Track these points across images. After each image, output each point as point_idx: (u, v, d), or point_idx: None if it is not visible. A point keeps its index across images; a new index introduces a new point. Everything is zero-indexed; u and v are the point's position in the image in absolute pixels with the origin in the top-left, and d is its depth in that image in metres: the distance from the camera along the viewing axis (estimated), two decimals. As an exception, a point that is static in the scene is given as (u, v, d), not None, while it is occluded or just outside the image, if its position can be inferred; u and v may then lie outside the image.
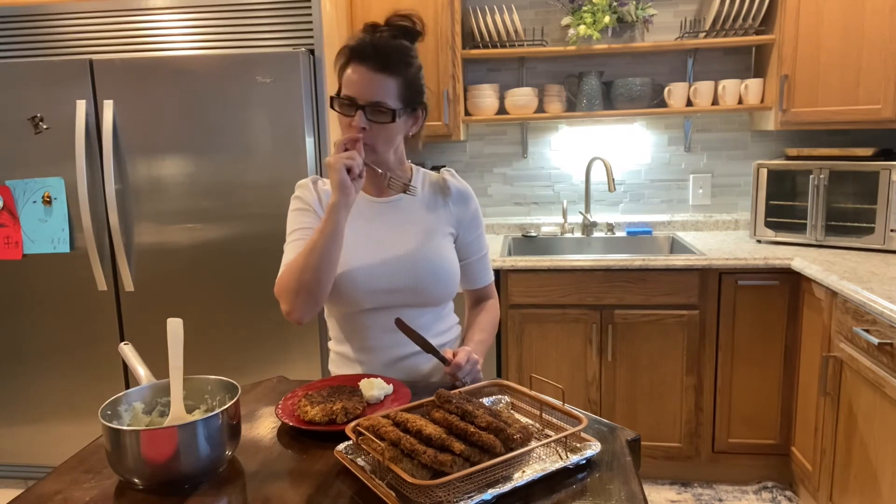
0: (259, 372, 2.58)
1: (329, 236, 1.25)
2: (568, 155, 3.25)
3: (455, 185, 1.49)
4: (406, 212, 1.44)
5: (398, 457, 0.95)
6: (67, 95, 2.49)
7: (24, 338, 2.69)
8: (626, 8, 2.90)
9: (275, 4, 2.51)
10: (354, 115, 1.29)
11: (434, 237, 1.43)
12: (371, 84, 1.28)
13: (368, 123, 1.29)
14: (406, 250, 1.40)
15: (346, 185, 1.23)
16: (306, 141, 2.44)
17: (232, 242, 2.53)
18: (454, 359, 1.34)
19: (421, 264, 1.39)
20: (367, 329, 1.43)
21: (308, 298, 1.28)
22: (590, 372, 2.70)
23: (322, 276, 1.27)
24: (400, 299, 1.40)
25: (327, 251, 1.25)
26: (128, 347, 1.25)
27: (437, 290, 1.42)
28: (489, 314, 1.57)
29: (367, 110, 1.28)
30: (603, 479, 1.00)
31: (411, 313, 1.41)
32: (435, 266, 1.40)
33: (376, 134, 1.31)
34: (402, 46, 1.33)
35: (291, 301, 1.29)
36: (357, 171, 1.24)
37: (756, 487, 2.69)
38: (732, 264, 2.56)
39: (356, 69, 1.30)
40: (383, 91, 1.29)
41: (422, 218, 1.44)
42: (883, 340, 1.88)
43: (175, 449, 0.98)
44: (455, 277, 1.45)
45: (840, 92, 2.68)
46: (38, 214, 2.59)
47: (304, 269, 1.26)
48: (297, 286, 1.27)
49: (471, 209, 1.50)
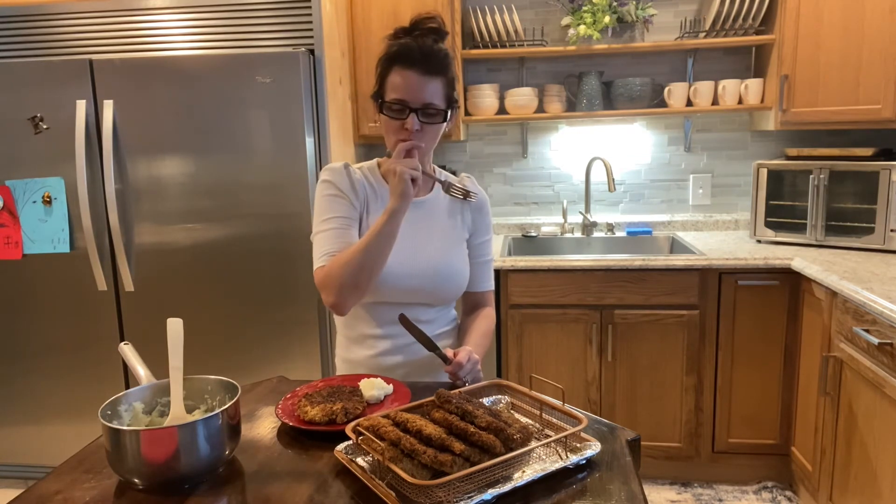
0: (259, 372, 2.58)
1: (386, 238, 1.31)
2: (568, 155, 3.25)
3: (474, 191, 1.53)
4: (429, 214, 1.49)
5: (398, 457, 0.95)
6: (67, 95, 2.49)
7: (24, 338, 2.69)
8: (626, 8, 2.90)
9: (275, 4, 2.51)
10: (406, 119, 1.33)
11: (454, 243, 1.49)
12: (422, 87, 1.33)
13: (421, 125, 1.34)
14: (428, 253, 1.45)
15: (408, 194, 1.30)
16: (306, 141, 2.44)
17: (232, 242, 2.53)
18: (455, 358, 1.35)
19: (442, 269, 1.45)
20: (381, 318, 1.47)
21: (357, 294, 1.33)
22: (590, 372, 2.70)
23: (374, 276, 1.33)
24: (417, 298, 1.46)
25: (382, 253, 1.31)
26: (128, 347, 1.25)
27: (450, 293, 1.49)
28: (487, 321, 1.58)
29: (420, 113, 1.33)
30: (603, 479, 1.00)
31: (419, 310, 1.47)
32: (453, 271, 1.47)
33: (427, 134, 1.37)
34: (444, 50, 1.38)
35: (339, 294, 1.32)
36: (420, 180, 1.33)
37: (756, 487, 2.69)
38: (732, 264, 2.56)
39: (404, 74, 1.33)
40: (433, 93, 1.34)
41: (443, 221, 1.50)
42: (883, 340, 1.88)
43: (175, 449, 0.98)
44: (465, 282, 1.52)
45: (840, 92, 2.68)
46: (38, 214, 2.59)
47: (359, 268, 1.30)
48: (350, 282, 1.31)
49: (485, 217, 1.56)
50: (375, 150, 3.19)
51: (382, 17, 2.84)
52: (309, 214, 2.47)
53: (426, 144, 1.38)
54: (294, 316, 2.55)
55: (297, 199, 2.47)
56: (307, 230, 2.46)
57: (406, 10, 2.78)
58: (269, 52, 2.41)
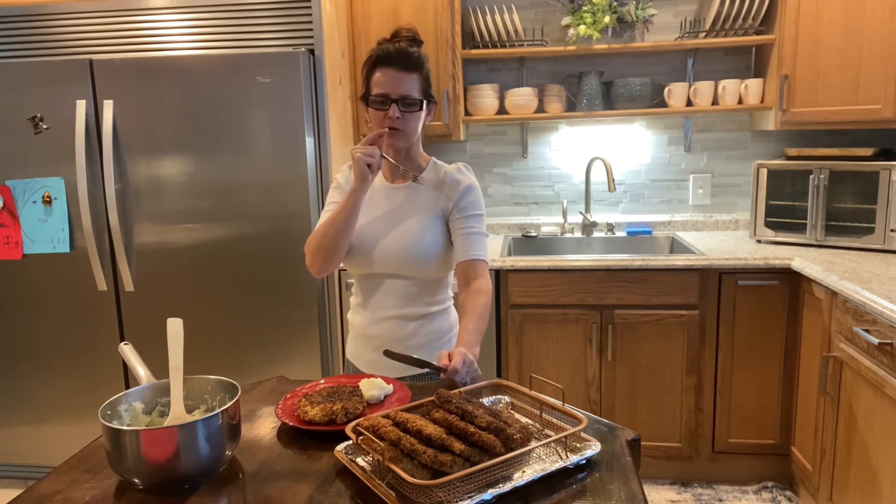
0: (259, 372, 2.58)
1: (347, 213, 1.54)
2: (568, 155, 3.25)
3: (452, 174, 1.66)
4: (411, 197, 1.66)
5: (398, 457, 0.95)
6: (67, 95, 2.49)
7: (24, 338, 2.69)
8: (626, 8, 2.90)
9: (275, 4, 2.51)
10: (388, 109, 1.55)
11: (428, 222, 1.63)
12: (400, 81, 1.55)
13: (401, 113, 1.55)
14: (401, 230, 1.62)
15: (364, 176, 1.52)
16: (306, 141, 2.44)
17: (232, 242, 2.53)
18: (450, 364, 1.36)
19: (411, 243, 1.61)
20: (376, 289, 1.66)
21: (325, 258, 1.57)
22: (590, 372, 2.70)
23: (338, 243, 1.56)
24: (393, 268, 1.62)
25: (344, 225, 1.55)
26: (128, 347, 1.25)
27: (422, 265, 1.61)
28: (480, 297, 1.57)
29: (399, 103, 1.55)
30: (603, 479, 1.00)
31: (398, 283, 1.64)
32: (422, 245, 1.61)
33: (407, 122, 1.57)
34: (418, 52, 1.60)
35: (312, 258, 1.60)
36: (376, 165, 1.52)
37: (756, 487, 2.69)
38: (732, 264, 2.56)
39: (385, 71, 1.56)
40: (410, 86, 1.56)
41: (423, 204, 1.65)
42: (883, 340, 1.88)
43: (175, 449, 0.98)
44: (431, 254, 1.61)
45: (840, 92, 2.68)
46: (38, 214, 2.59)
47: (325, 236, 1.56)
48: (317, 247, 1.58)
49: (467, 197, 1.64)
50: (375, 150, 3.19)
51: (382, 18, 2.84)
52: (309, 214, 2.47)
53: (409, 131, 1.58)
54: (294, 316, 2.55)
55: (297, 199, 2.47)
56: (307, 230, 2.46)
57: (406, 11, 2.78)
58: (269, 52, 2.41)
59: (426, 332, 1.66)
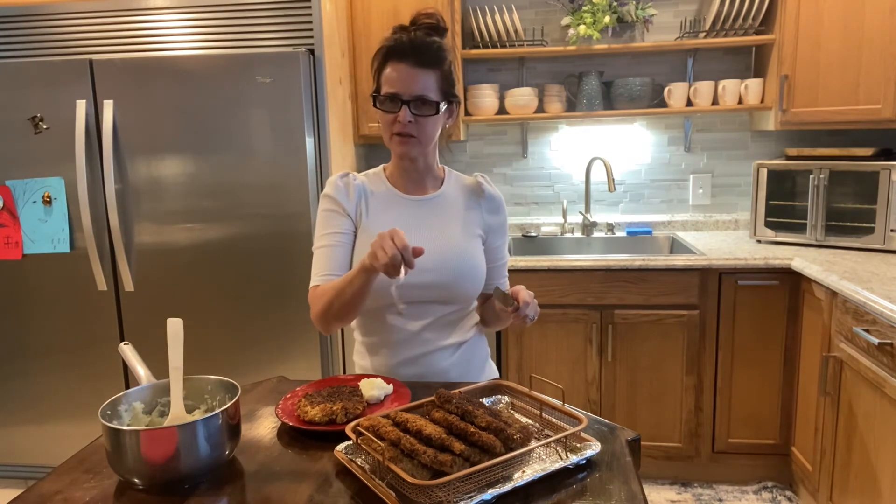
0: (259, 372, 2.58)
1: (355, 288, 1.28)
2: (568, 155, 3.25)
3: (490, 191, 1.51)
4: (441, 211, 1.46)
5: (398, 457, 0.95)
6: (67, 95, 2.49)
7: (23, 338, 2.69)
8: (626, 8, 2.90)
9: (275, 4, 2.51)
10: (399, 112, 1.33)
11: (468, 238, 1.45)
12: (413, 79, 1.32)
13: (413, 117, 1.34)
14: (440, 248, 1.40)
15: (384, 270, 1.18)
16: (306, 141, 2.44)
17: (232, 242, 2.53)
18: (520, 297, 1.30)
19: (456, 263, 1.41)
20: (395, 324, 1.43)
21: (334, 324, 1.38)
22: (590, 372, 2.70)
23: (348, 315, 1.35)
24: (430, 295, 1.41)
25: (354, 301, 1.30)
26: (128, 347, 1.25)
27: (467, 288, 1.44)
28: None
29: (412, 105, 1.33)
30: (603, 479, 1.00)
31: (438, 309, 1.43)
32: (467, 264, 1.42)
33: (421, 127, 1.35)
34: (437, 42, 1.37)
35: (319, 320, 1.38)
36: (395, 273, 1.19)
37: (756, 487, 2.69)
38: (732, 264, 2.56)
39: (396, 67, 1.33)
40: (425, 85, 1.33)
41: (458, 215, 1.46)
42: (883, 340, 1.88)
43: (175, 449, 0.98)
44: (482, 277, 1.47)
45: (840, 92, 2.68)
46: (38, 214, 2.59)
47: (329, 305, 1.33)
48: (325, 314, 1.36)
49: (501, 217, 1.52)
50: (375, 150, 3.19)
51: (382, 17, 2.84)
52: (309, 214, 2.47)
53: (423, 137, 1.37)
54: (294, 316, 2.55)
55: (297, 199, 2.47)
56: (307, 230, 2.46)
57: (406, 10, 2.78)
58: (269, 52, 2.41)
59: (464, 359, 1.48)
